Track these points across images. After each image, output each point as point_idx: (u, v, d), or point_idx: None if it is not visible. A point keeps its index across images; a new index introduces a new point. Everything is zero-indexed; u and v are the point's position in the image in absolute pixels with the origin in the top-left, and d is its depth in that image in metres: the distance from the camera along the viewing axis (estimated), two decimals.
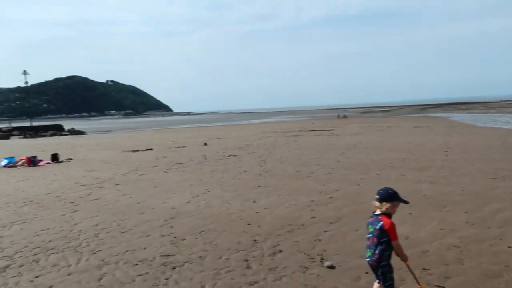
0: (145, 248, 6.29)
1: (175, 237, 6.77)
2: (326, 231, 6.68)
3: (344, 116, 65.52)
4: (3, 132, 55.05)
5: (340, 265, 5.30)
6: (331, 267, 5.25)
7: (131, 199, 9.86)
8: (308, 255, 5.70)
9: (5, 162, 18.19)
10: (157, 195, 10.18)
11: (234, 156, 17.74)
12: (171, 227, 7.33)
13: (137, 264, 5.66)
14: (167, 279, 5.13)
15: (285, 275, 5.09)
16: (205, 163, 15.99)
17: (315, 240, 6.30)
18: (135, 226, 7.53)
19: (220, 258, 5.76)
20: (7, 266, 5.79)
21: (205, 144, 24.62)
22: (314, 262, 5.46)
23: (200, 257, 5.82)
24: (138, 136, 41.36)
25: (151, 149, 23.39)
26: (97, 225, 7.73)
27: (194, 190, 10.59)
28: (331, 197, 9.02)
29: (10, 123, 73.70)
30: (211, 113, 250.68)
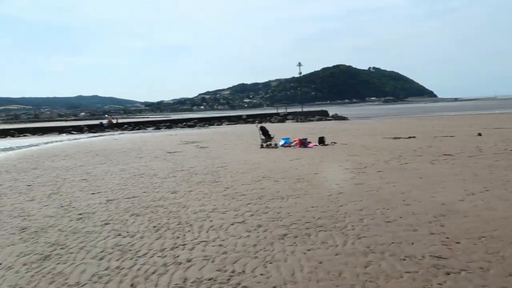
0: (412, 244, 5.80)
1: (447, 237, 5.98)
2: None
3: None
4: (281, 116, 64.93)
5: None
6: None
7: (394, 188, 9.47)
8: None
9: (282, 142, 21.07)
10: (423, 187, 9.40)
11: None
12: (442, 226, 6.53)
13: (404, 259, 5.26)
14: (440, 284, 4.52)
15: None
16: (480, 156, 13.80)
17: None
18: (400, 217, 7.12)
19: (510, 275, 4.66)
20: (285, 235, 6.50)
21: (479, 134, 21.38)
22: None
23: (482, 268, 4.88)
24: (399, 123, 40.25)
25: (413, 137, 22.17)
26: (361, 210, 7.75)
27: (467, 186, 9.22)
28: None
29: (286, 108, 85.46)
30: (485, 98, 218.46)
